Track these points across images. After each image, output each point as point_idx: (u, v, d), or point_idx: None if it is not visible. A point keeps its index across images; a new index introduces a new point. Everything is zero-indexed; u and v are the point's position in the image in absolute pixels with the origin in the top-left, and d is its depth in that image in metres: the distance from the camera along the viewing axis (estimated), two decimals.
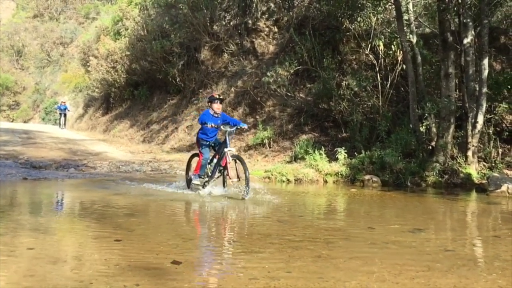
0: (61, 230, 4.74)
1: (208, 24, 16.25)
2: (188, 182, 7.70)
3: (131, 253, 3.75)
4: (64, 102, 25.64)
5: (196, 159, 7.69)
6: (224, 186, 7.39)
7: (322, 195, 8.36)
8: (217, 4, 16.18)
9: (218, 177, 7.44)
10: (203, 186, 7.43)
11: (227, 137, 7.18)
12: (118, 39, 21.91)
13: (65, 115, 24.66)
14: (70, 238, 4.45)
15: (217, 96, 7.51)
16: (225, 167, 7.18)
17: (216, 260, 3.75)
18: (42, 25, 41.78)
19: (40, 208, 6.10)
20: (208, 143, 7.44)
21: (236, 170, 7.08)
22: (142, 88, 19.96)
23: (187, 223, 5.70)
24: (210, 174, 7.45)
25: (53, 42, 39.64)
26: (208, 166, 7.48)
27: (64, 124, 24.50)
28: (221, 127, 7.25)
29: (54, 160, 10.85)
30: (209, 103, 7.48)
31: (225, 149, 7.13)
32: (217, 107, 7.36)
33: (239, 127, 7.43)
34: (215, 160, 7.46)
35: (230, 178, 7.17)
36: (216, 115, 7.35)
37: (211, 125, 7.11)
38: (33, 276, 3.11)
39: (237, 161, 7.14)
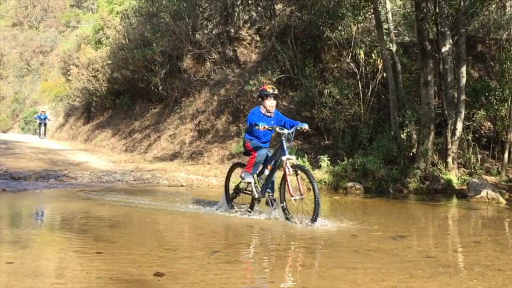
0: (41, 243, 4.65)
1: (190, 32, 16.27)
2: (228, 200, 6.42)
3: (113, 266, 3.71)
4: (44, 112, 25.32)
5: (238, 169, 6.42)
6: (272, 206, 5.84)
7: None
8: (199, 13, 16.23)
9: (271, 196, 5.97)
10: (250, 207, 6.16)
11: (284, 142, 5.70)
12: (99, 48, 21.79)
13: (45, 124, 24.32)
14: (51, 251, 4.37)
15: (271, 91, 5.86)
16: (284, 180, 5.73)
17: (199, 271, 3.73)
18: (22, 34, 41.19)
19: (19, 221, 5.97)
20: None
21: (298, 184, 5.68)
22: (124, 97, 19.84)
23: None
24: (261, 190, 5.99)
25: (32, 51, 39.10)
26: (257, 178, 6.07)
27: (44, 133, 24.14)
28: (277, 129, 5.75)
29: (34, 170, 10.66)
30: (260, 99, 5.97)
31: (283, 157, 5.70)
32: (270, 104, 5.85)
33: (299, 127, 5.84)
34: (266, 172, 5.99)
35: (292, 196, 5.62)
36: (269, 114, 5.89)
37: (264, 127, 5.62)
38: None
39: (299, 172, 5.73)
